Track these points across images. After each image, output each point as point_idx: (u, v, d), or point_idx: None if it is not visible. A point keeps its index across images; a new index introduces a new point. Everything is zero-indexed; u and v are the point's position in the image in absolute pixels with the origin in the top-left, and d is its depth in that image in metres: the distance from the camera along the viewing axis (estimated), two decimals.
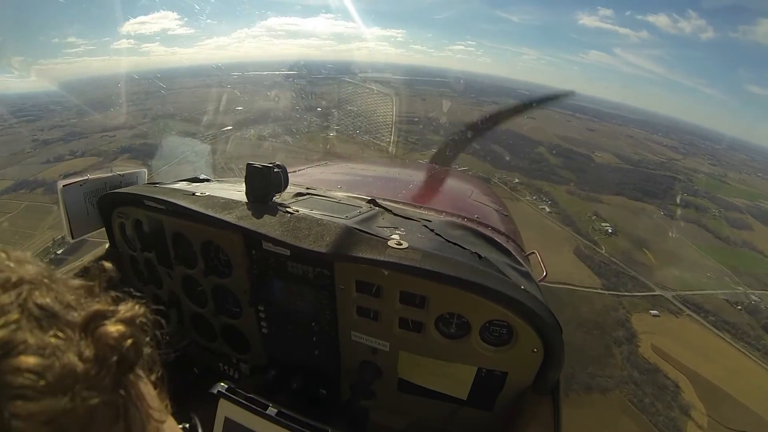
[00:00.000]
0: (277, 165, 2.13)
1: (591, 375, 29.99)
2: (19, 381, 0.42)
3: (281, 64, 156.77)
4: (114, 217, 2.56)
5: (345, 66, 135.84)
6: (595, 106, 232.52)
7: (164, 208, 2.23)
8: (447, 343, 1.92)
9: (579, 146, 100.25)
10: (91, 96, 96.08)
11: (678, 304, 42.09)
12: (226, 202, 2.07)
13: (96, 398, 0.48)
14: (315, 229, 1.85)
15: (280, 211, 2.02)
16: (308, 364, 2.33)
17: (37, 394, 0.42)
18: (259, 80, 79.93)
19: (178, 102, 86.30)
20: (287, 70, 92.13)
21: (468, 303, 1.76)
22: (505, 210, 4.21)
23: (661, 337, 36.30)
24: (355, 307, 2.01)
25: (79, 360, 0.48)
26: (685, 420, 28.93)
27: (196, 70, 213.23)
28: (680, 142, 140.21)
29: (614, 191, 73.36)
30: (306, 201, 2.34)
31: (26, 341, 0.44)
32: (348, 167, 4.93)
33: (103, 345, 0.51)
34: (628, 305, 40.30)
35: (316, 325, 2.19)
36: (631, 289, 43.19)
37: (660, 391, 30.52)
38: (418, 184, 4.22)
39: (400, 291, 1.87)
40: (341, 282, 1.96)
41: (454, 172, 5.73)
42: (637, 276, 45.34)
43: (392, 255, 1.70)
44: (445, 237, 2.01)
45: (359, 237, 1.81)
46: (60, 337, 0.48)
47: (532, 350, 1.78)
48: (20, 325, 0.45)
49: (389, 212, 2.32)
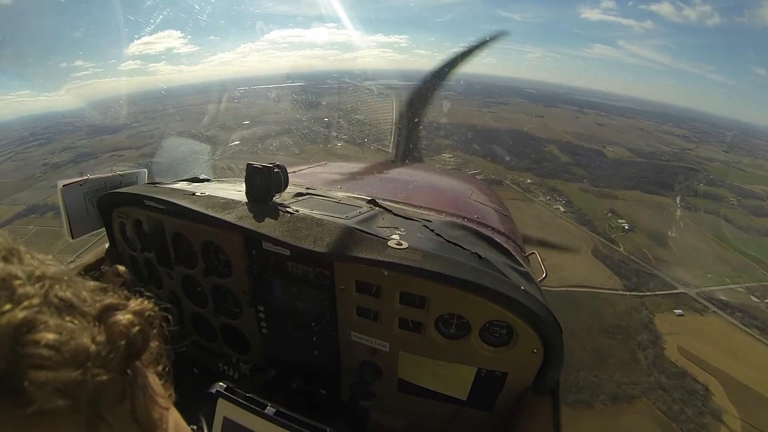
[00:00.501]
0: (277, 165, 2.11)
1: (617, 383, 29.01)
2: (38, 352, 0.47)
3: (287, 77, 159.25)
4: (114, 217, 2.57)
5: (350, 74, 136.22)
6: (603, 100, 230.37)
7: (164, 208, 2.23)
8: (447, 343, 1.91)
9: (590, 142, 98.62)
10: (99, 117, 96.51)
11: (702, 302, 40.72)
12: (226, 202, 2.07)
13: (105, 375, 0.53)
14: (315, 229, 1.85)
15: (280, 211, 2.02)
16: (308, 365, 2.32)
17: (53, 365, 0.48)
18: (265, 93, 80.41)
19: (186, 119, 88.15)
20: (292, 82, 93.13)
21: (468, 303, 1.75)
22: (505, 210, 4.20)
23: (687, 338, 35.05)
24: (355, 308, 2.00)
25: (92, 342, 0.53)
26: (718, 426, 27.60)
27: (201, 87, 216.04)
28: (692, 131, 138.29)
29: (628, 186, 71.89)
30: (306, 201, 2.34)
31: (46, 322, 0.50)
32: (348, 167, 4.91)
33: (113, 331, 0.57)
34: (651, 305, 39.10)
35: (316, 326, 2.18)
36: (653, 288, 41.93)
37: (689, 395, 29.29)
38: (418, 184, 4.16)
39: (400, 291, 1.86)
40: (341, 282, 1.96)
41: (454, 172, 5.88)
42: (659, 274, 44.02)
43: (392, 255, 1.69)
44: (445, 237, 2.01)
45: (359, 237, 1.81)
46: (75, 323, 0.54)
47: (532, 351, 1.78)
48: (41, 309, 0.51)
49: (389, 212, 2.31)
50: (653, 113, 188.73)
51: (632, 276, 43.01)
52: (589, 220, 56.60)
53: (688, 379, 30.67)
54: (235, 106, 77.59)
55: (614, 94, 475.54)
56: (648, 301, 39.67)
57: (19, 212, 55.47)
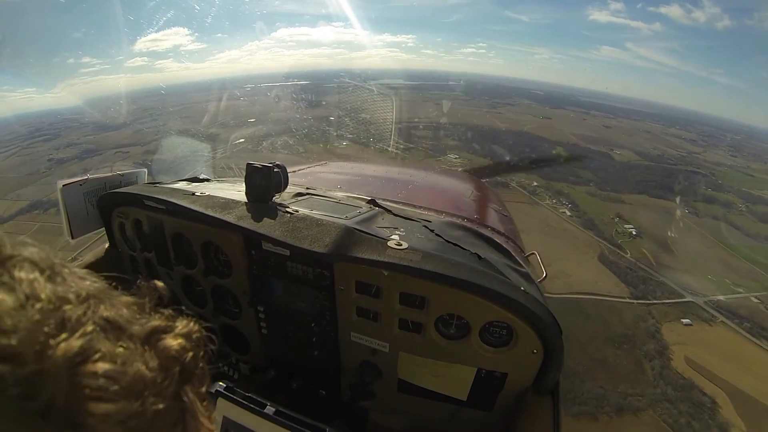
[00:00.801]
0: (277, 165, 2.12)
1: (623, 394, 28.46)
2: (95, 384, 0.46)
3: (293, 75, 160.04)
4: (114, 217, 2.55)
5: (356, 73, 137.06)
6: (610, 102, 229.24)
7: (164, 208, 2.23)
8: (447, 344, 1.92)
9: (597, 144, 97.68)
10: (106, 114, 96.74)
11: (711, 311, 39.93)
12: (226, 202, 2.08)
13: (161, 404, 0.53)
14: (315, 229, 1.86)
15: (279, 211, 2.03)
16: (308, 365, 2.32)
17: (112, 396, 0.47)
18: (272, 92, 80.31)
19: (191, 116, 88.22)
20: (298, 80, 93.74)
21: (468, 304, 1.76)
22: (505, 210, 4.19)
23: (695, 348, 34.48)
24: (355, 308, 2.01)
25: (146, 369, 0.53)
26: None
27: (208, 84, 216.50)
28: (699, 134, 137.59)
29: (636, 190, 71.08)
30: (306, 201, 2.34)
31: (100, 350, 0.49)
32: (348, 167, 4.95)
33: (166, 356, 0.57)
34: (658, 314, 38.49)
35: (316, 326, 2.18)
36: (660, 296, 41.21)
37: (696, 408, 28.58)
38: (418, 185, 4.16)
39: (399, 292, 1.87)
40: (341, 282, 1.97)
41: (454, 172, 5.91)
42: (666, 281, 43.24)
43: (392, 255, 1.70)
44: (445, 237, 2.01)
45: (359, 237, 1.82)
46: (125, 347, 0.53)
47: (531, 351, 1.78)
48: (94, 335, 0.50)
49: (389, 212, 2.31)
50: (660, 116, 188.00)
51: (639, 283, 42.23)
52: (596, 224, 55.74)
53: (696, 392, 30.03)
54: (241, 104, 77.70)
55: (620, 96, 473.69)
56: (655, 309, 39.05)
57: (22, 208, 55.44)
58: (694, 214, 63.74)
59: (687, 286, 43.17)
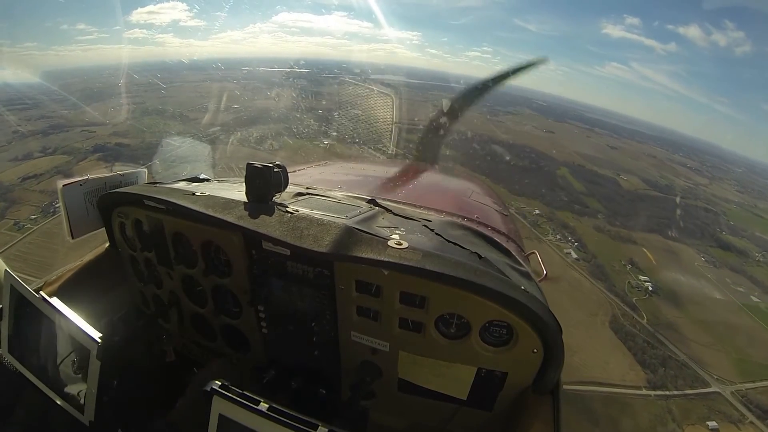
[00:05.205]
0: (277, 165, 2.16)
1: None
2: None
3: (293, 62, 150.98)
4: (114, 216, 2.58)
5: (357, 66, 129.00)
6: (613, 120, 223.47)
7: (164, 207, 2.27)
8: (447, 343, 1.96)
9: (603, 167, 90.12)
10: (87, 86, 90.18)
11: (739, 407, 31.60)
12: (226, 201, 2.12)
13: None
14: (315, 228, 1.89)
15: (280, 211, 2.06)
16: (308, 364, 2.35)
17: None
18: (267, 77, 70.89)
19: (175, 97, 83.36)
20: (297, 68, 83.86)
21: (468, 303, 1.80)
22: (505, 210, 4.13)
23: None
24: (355, 307, 2.05)
25: None
26: None
27: (204, 64, 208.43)
28: (702, 163, 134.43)
29: (647, 227, 63.59)
30: (306, 201, 2.38)
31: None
32: (348, 167, 4.82)
33: None
34: (678, 412, 30.94)
35: (316, 325, 2.22)
36: (682, 385, 33.30)
37: None
38: (418, 184, 4.09)
39: (400, 291, 1.91)
40: (341, 282, 2.01)
41: (454, 172, 5.80)
42: (688, 362, 33.71)
43: (392, 255, 1.70)
44: (445, 237, 2.05)
45: (359, 237, 1.85)
46: None
47: (532, 350, 1.82)
48: None
49: (389, 212, 2.35)
50: (663, 140, 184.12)
51: (658, 366, 34.10)
52: (606, 273, 47.15)
53: None
54: (233, 87, 69.63)
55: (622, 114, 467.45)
56: (675, 405, 31.30)
57: None
58: (711, 263, 54.59)
59: (710, 365, 34.93)
